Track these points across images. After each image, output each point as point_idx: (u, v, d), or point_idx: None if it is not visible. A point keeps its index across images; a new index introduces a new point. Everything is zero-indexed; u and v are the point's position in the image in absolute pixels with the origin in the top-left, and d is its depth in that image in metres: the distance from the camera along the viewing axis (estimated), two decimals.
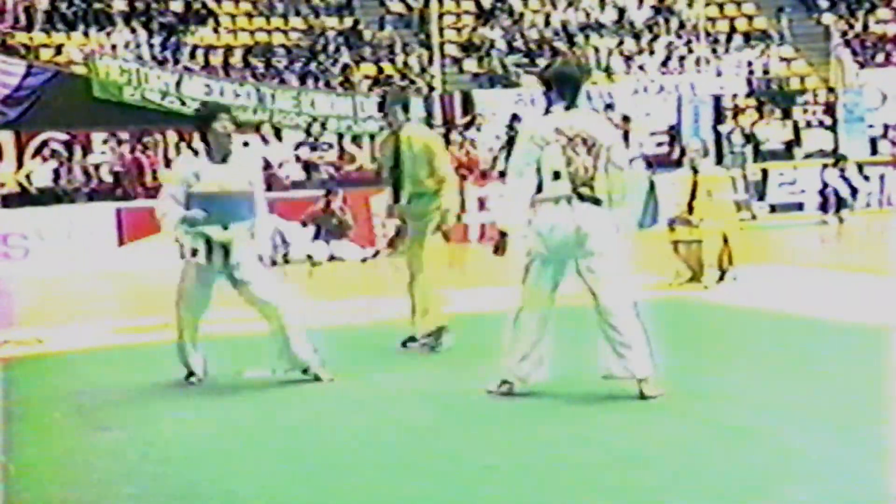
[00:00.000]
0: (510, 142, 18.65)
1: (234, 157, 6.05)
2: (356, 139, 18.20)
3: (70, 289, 11.99)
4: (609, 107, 19.79)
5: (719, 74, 21.68)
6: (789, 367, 6.22)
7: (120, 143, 16.51)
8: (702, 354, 6.76)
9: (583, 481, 4.22)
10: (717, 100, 20.07)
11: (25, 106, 16.86)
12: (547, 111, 5.55)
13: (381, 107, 7.49)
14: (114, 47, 18.93)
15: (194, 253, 6.01)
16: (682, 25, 23.00)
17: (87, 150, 16.52)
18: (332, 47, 20.73)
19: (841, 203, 17.36)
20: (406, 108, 7.23)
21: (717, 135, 18.91)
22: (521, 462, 4.51)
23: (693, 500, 3.94)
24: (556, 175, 5.34)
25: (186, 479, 4.54)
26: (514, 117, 19.13)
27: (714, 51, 22.36)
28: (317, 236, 14.93)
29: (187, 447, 5.05)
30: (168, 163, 16.76)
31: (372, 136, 18.38)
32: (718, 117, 19.63)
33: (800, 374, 6.04)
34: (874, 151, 19.73)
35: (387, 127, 7.32)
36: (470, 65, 21.52)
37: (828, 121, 20.03)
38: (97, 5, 19.85)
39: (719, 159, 16.93)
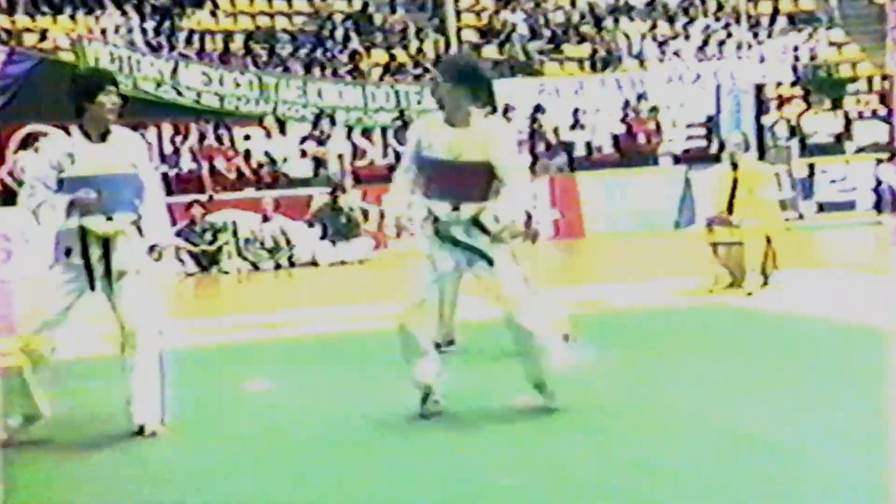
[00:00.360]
0: (533, 135, 18.71)
1: (114, 136, 5.45)
2: (367, 132, 18.25)
3: None
4: (641, 97, 19.80)
5: (762, 61, 21.64)
6: (826, 377, 6.22)
7: None
8: (732, 363, 6.77)
9: (590, 487, 4.38)
10: (760, 89, 20.02)
11: (7, 96, 16.95)
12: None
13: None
14: (103, 32, 19.02)
15: (68, 252, 5.39)
16: (720, 7, 22.97)
17: None
18: (339, 33, 20.79)
19: None
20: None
21: (760, 127, 18.88)
22: (532, 475, 4.58)
23: None
24: None
25: (183, 500, 4.57)
26: (538, 108, 19.17)
27: (756, 35, 22.32)
28: (324, 236, 14.99)
29: (185, 466, 5.08)
30: (164, 158, 16.87)
31: (384, 129, 18.46)
32: (761, 108, 19.58)
33: (836, 383, 6.04)
34: None
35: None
36: (489, 51, 21.53)
37: (882, 111, 19.93)
38: None
39: (762, 154, 16.90)
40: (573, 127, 19.23)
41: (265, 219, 14.98)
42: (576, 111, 19.32)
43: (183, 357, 7.70)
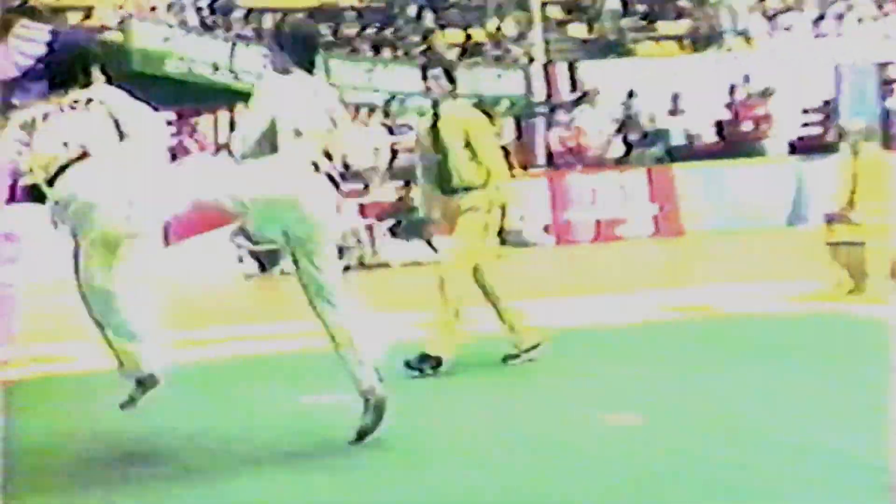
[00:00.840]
0: (626, 123, 18.63)
1: None
2: None
3: None
4: (747, 78, 19.60)
5: (887, 37, 21.29)
6: None
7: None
8: (850, 380, 6.63)
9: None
10: (885, 68, 19.72)
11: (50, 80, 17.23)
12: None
13: (423, 75, 7.61)
14: (154, 9, 19.29)
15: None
16: None
17: None
18: (411, 10, 20.88)
19: None
20: (451, 78, 7.48)
21: (886, 112, 18.59)
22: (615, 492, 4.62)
23: None
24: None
25: None
26: (631, 93, 19.08)
27: (880, 6, 21.95)
28: (394, 234, 15.08)
29: (238, 488, 4.99)
30: (219, 148, 17.06)
31: None
32: (887, 90, 19.29)
33: None
34: None
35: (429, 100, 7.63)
36: (576, 30, 21.48)
37: None
38: None
39: (888, 142, 16.63)
40: (671, 113, 19.11)
41: None
42: (674, 96, 19.19)
43: (239, 366, 7.85)
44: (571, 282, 12.82)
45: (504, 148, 7.70)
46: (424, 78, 7.54)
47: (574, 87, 19.55)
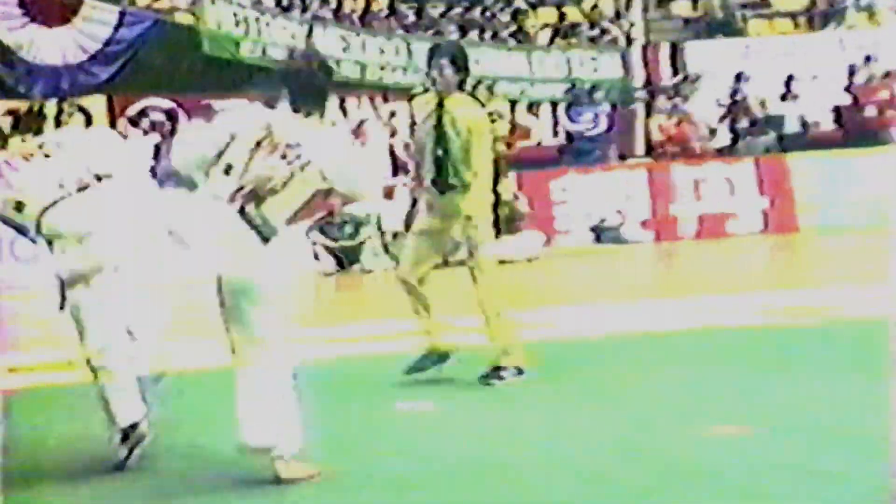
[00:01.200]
0: (733, 109, 18.51)
1: None
2: (532, 107, 18.32)
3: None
4: (870, 59, 19.35)
5: None
6: None
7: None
8: None
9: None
10: None
11: (119, 64, 17.47)
12: None
13: (429, 61, 7.55)
14: None
15: None
16: None
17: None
18: None
19: None
20: (460, 66, 7.46)
21: None
22: None
23: None
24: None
25: None
26: (741, 76, 18.95)
27: None
28: None
29: None
30: None
31: (553, 103, 18.50)
32: None
33: None
34: None
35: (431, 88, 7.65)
36: (681, 8, 21.36)
37: None
38: None
39: None
40: (784, 98, 18.94)
41: None
42: (788, 79, 19.02)
43: (321, 370, 7.94)
44: (670, 282, 12.78)
45: (497, 152, 7.68)
46: (430, 66, 7.48)
47: (677, 70, 19.45)
